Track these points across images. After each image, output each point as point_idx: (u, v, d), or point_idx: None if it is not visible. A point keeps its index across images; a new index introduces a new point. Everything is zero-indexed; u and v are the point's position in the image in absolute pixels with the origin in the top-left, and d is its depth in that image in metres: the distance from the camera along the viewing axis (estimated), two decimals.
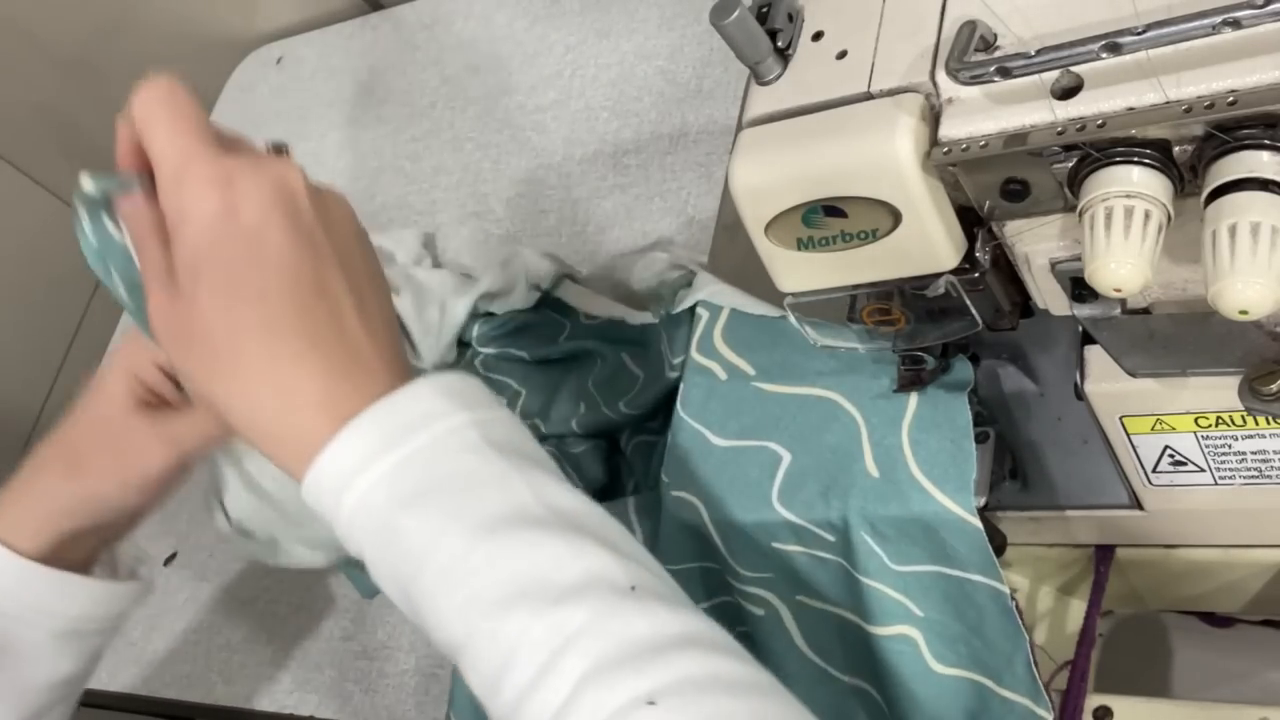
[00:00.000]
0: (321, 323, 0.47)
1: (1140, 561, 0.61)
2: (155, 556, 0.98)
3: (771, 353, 0.63)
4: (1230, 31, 0.38)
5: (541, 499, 0.45)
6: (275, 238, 0.47)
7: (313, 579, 0.88)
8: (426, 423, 0.45)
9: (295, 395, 0.46)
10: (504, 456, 0.46)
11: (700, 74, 0.95)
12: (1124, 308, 0.47)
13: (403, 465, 0.45)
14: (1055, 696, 0.56)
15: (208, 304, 0.46)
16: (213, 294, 0.46)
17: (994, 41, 0.44)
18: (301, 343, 0.46)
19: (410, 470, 0.45)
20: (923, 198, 0.44)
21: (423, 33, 1.16)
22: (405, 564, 0.44)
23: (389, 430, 0.45)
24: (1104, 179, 0.40)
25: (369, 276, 0.50)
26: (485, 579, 0.43)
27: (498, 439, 0.46)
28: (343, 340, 0.47)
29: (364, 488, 0.45)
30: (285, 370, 0.46)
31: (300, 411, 0.46)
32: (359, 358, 0.47)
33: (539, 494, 0.45)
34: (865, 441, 0.57)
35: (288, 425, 0.46)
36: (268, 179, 0.47)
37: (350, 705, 0.81)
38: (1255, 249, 0.37)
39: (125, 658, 0.93)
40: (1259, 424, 0.50)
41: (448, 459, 0.45)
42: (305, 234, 0.47)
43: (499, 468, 0.45)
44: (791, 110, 0.47)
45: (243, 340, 0.46)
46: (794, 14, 0.49)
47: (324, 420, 0.45)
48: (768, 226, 0.48)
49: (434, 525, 0.44)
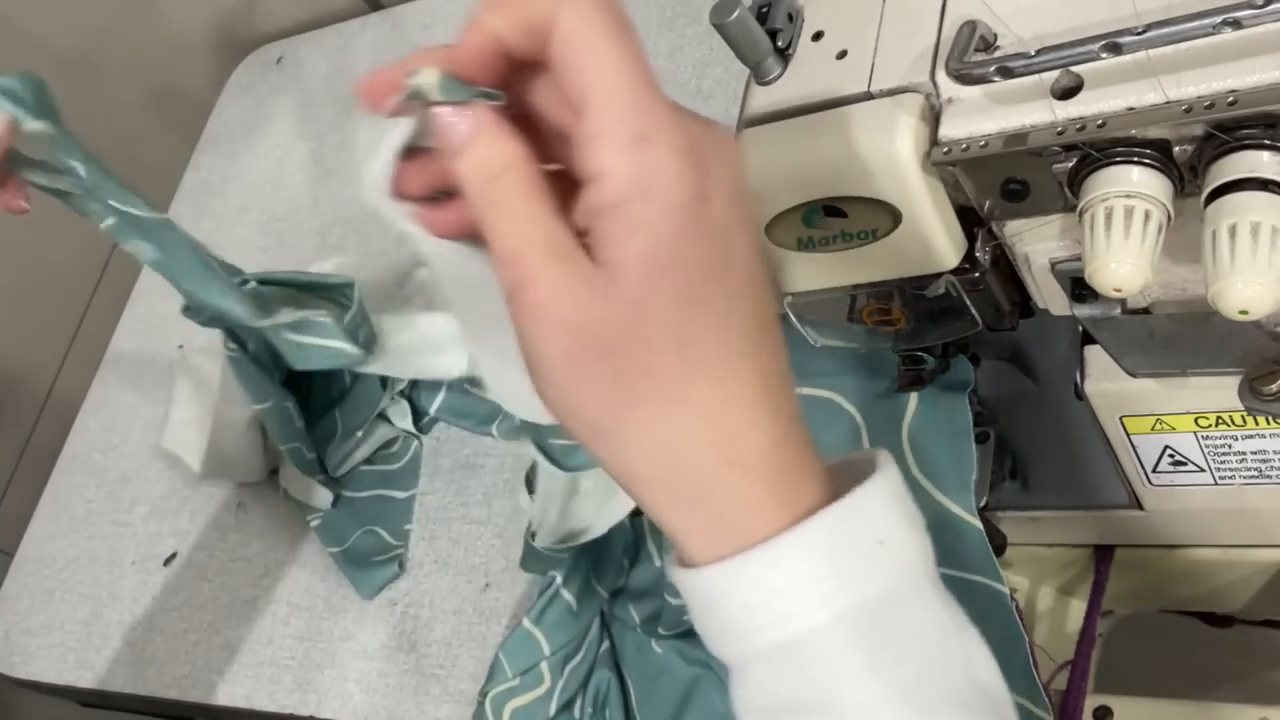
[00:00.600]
0: (770, 368, 0.36)
1: (1140, 561, 0.61)
2: (155, 556, 0.98)
3: None
4: (1230, 31, 0.38)
5: (970, 670, 0.37)
6: (740, 244, 0.35)
7: (313, 579, 0.88)
8: (884, 549, 0.36)
9: (737, 453, 0.35)
10: (944, 603, 0.37)
11: (700, 74, 0.95)
12: (1124, 308, 0.47)
13: (862, 609, 0.35)
14: (1055, 696, 0.56)
15: (662, 314, 0.34)
16: (673, 303, 0.34)
17: (994, 41, 0.44)
18: (755, 389, 0.35)
19: (867, 617, 0.35)
20: (923, 198, 0.44)
21: (423, 33, 1.16)
22: (816, 715, 0.35)
23: (848, 550, 0.35)
24: (1104, 179, 0.40)
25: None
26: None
27: (931, 570, 0.37)
28: (785, 393, 0.36)
29: (821, 622, 0.34)
30: (734, 419, 0.35)
31: (740, 476, 0.35)
32: (797, 418, 0.36)
33: (969, 663, 0.37)
34: (865, 441, 0.57)
35: (716, 486, 0.35)
36: (732, 157, 0.36)
37: (350, 705, 0.81)
38: (1255, 249, 0.37)
39: (125, 658, 0.93)
40: (1259, 424, 0.50)
41: (902, 607, 0.36)
42: (757, 240, 0.37)
43: (942, 623, 0.37)
44: (791, 110, 0.47)
45: (694, 368, 0.34)
46: (794, 14, 0.49)
47: (770, 501, 0.35)
48: (768, 226, 0.48)
49: (876, 695, 0.35)
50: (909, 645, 0.35)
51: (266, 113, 1.24)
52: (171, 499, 1.01)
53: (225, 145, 1.25)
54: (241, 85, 1.29)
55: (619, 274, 0.33)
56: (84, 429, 1.12)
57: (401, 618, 0.83)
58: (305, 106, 1.20)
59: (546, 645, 0.71)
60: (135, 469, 1.05)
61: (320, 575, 0.88)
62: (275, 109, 1.23)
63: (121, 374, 1.13)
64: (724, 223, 0.35)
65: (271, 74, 1.27)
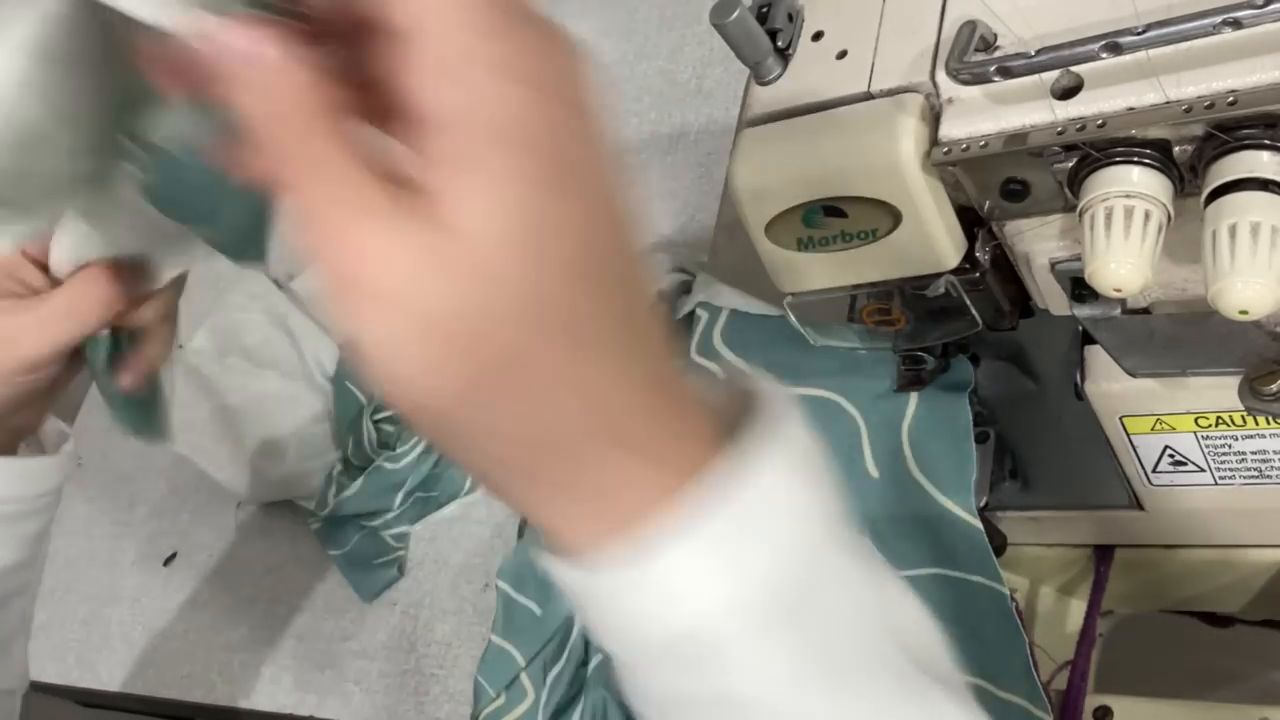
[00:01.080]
0: (650, 333, 0.31)
1: (1140, 561, 0.61)
2: (155, 556, 0.98)
3: (771, 353, 0.63)
4: (1230, 31, 0.38)
5: (889, 626, 0.34)
6: (599, 183, 0.30)
7: (313, 579, 0.88)
8: (778, 521, 0.32)
9: (622, 434, 0.31)
10: (852, 562, 0.34)
11: (700, 74, 0.95)
12: (1124, 308, 0.47)
13: (756, 591, 0.32)
14: (1055, 696, 0.56)
15: (527, 287, 0.28)
16: (538, 272, 0.28)
17: (994, 41, 0.44)
18: (638, 360, 0.31)
19: (761, 598, 0.32)
20: (923, 198, 0.44)
21: None
22: (717, 706, 0.33)
23: (738, 529, 0.31)
24: (1104, 179, 0.40)
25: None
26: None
27: (835, 528, 0.34)
28: (665, 355, 0.32)
29: (710, 609, 0.31)
30: (619, 398, 0.30)
31: (625, 456, 0.31)
32: (676, 377, 0.32)
33: (887, 618, 0.34)
34: (865, 441, 0.57)
35: (600, 472, 0.31)
36: (575, 65, 0.30)
37: (350, 705, 0.81)
38: (1255, 249, 0.37)
39: (125, 658, 0.93)
40: (1259, 424, 0.50)
41: (801, 579, 0.33)
42: (612, 172, 0.30)
43: (850, 584, 0.34)
44: (791, 110, 0.47)
45: (573, 348, 0.29)
46: (794, 14, 0.49)
47: (658, 482, 0.31)
48: (768, 227, 0.48)
49: (777, 677, 0.32)
50: (810, 619, 0.33)
51: None
52: (171, 499, 1.01)
53: None
54: None
55: (466, 240, 0.27)
56: (84, 429, 1.12)
57: (401, 618, 0.83)
58: None
59: (520, 656, 0.71)
60: (135, 469, 1.05)
61: (320, 575, 0.88)
62: None
63: None
64: (580, 158, 0.29)
65: None
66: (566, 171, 0.29)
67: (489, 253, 0.27)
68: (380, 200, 0.28)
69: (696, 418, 0.32)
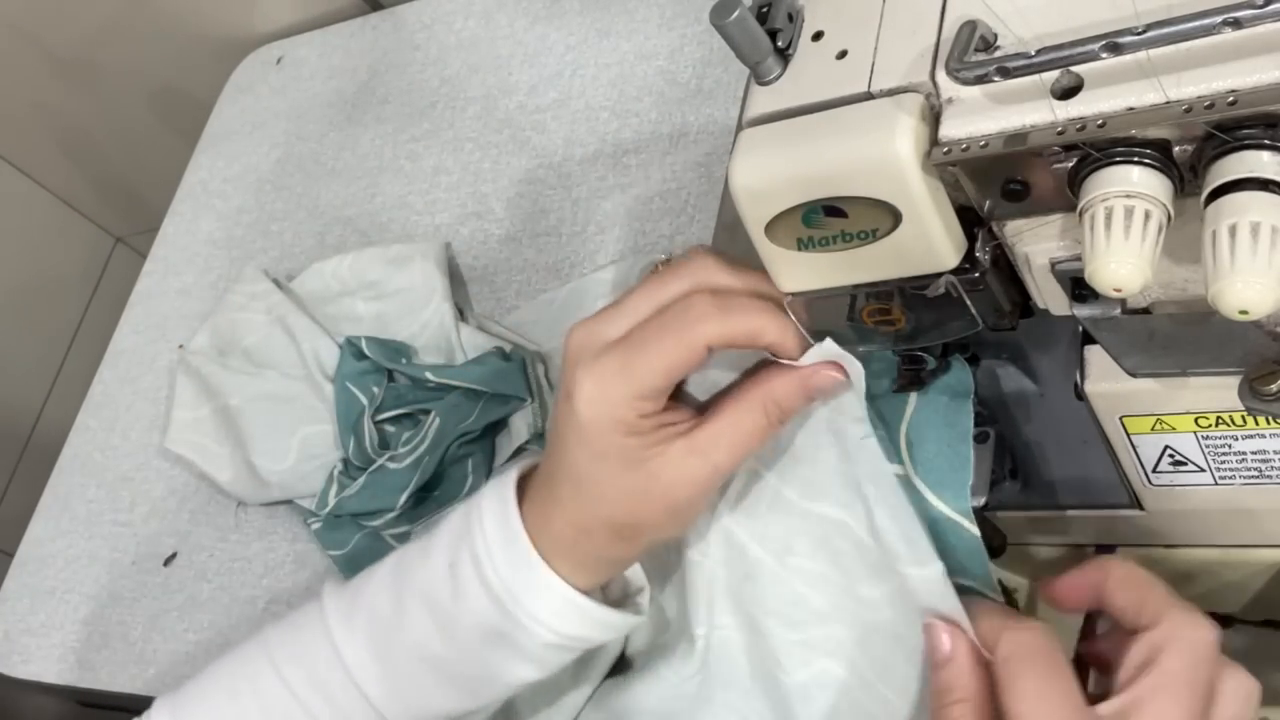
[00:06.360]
0: None
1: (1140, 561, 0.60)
2: (155, 556, 0.98)
3: None
4: (1230, 31, 0.38)
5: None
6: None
7: (313, 579, 0.88)
8: None
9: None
10: None
11: (700, 74, 0.95)
12: (1124, 308, 0.47)
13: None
14: None
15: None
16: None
17: (994, 41, 0.44)
18: None
19: None
20: (923, 198, 0.44)
21: (422, 32, 1.16)
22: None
23: None
24: (1104, 179, 0.40)
25: None
26: None
27: None
28: None
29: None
30: None
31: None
32: None
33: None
34: None
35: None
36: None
37: None
38: (1255, 249, 0.37)
39: (125, 658, 0.93)
40: (1259, 424, 0.50)
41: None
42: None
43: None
44: (791, 110, 0.47)
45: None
46: (794, 14, 0.49)
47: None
48: (768, 226, 0.48)
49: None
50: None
51: (266, 113, 1.24)
52: (171, 499, 1.01)
53: (225, 145, 1.25)
54: (241, 85, 1.29)
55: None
56: (84, 429, 1.12)
57: None
58: (305, 106, 1.20)
59: None
60: (135, 469, 1.05)
61: (320, 575, 0.88)
62: (275, 109, 1.23)
63: (121, 374, 1.13)
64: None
65: (271, 74, 1.27)
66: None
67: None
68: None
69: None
